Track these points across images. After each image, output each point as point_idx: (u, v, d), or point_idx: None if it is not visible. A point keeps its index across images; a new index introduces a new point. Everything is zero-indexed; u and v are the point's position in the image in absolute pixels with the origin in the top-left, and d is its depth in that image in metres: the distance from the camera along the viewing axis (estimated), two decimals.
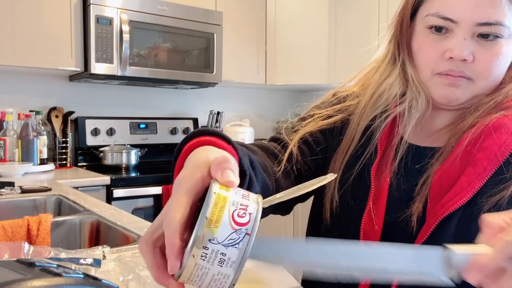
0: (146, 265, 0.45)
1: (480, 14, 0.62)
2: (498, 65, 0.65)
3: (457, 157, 0.65)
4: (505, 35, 0.64)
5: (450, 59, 0.65)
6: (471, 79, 0.66)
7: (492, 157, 0.63)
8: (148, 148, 2.79)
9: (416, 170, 0.69)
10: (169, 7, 2.55)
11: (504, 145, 0.63)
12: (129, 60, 2.42)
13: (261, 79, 3.11)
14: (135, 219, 1.25)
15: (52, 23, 2.30)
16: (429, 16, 0.67)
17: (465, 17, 0.63)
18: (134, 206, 2.20)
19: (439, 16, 0.65)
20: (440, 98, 0.69)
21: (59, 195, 1.58)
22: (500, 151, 0.63)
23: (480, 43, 0.64)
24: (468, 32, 0.64)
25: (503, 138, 0.63)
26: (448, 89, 0.67)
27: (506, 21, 0.63)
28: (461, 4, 0.63)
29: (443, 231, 0.62)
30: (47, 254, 0.73)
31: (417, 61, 0.71)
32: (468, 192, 0.62)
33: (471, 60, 0.65)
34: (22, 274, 0.44)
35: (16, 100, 2.51)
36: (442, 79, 0.67)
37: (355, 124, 0.76)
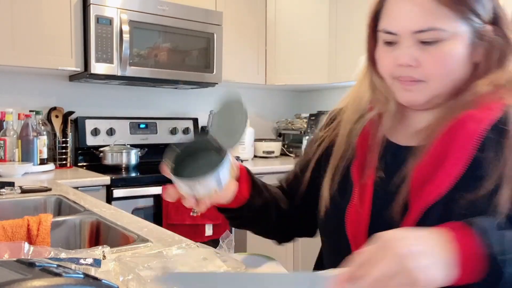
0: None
1: (413, 24, 0.69)
2: (446, 65, 0.70)
3: (433, 152, 0.69)
4: (445, 37, 0.69)
5: (400, 66, 0.73)
6: (423, 81, 0.72)
7: (463, 148, 0.67)
8: (148, 148, 2.79)
9: (398, 168, 0.74)
10: (169, 7, 2.55)
11: (473, 134, 0.67)
12: (129, 60, 2.42)
13: (261, 79, 3.11)
14: (135, 219, 1.25)
15: (52, 23, 2.30)
16: (380, 32, 0.76)
17: (402, 29, 0.71)
18: (134, 206, 2.20)
19: (385, 31, 0.74)
20: (402, 101, 0.77)
21: (59, 195, 1.58)
22: (470, 140, 0.67)
23: (423, 48, 0.70)
24: (409, 41, 0.71)
25: (471, 127, 0.68)
26: (405, 92, 0.75)
27: (439, 25, 0.68)
28: (398, 18, 0.71)
29: (426, 223, 0.65)
30: (47, 254, 0.73)
31: (379, 70, 0.79)
32: (444, 183, 0.66)
33: (416, 65, 0.71)
34: (22, 274, 0.44)
35: (16, 100, 2.51)
36: (399, 83, 0.75)
37: (341, 132, 0.85)
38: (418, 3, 0.69)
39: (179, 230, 1.23)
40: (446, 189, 0.66)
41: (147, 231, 1.10)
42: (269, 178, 2.77)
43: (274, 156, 3.23)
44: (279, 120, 3.52)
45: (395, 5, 0.72)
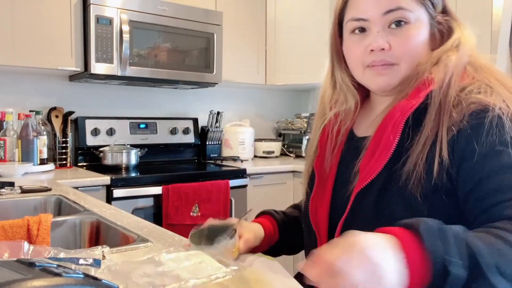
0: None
1: (382, 6, 0.76)
2: (412, 47, 0.77)
3: (372, 143, 0.78)
4: (411, 20, 0.76)
5: (372, 51, 0.78)
6: (395, 63, 0.78)
7: (388, 135, 0.74)
8: (148, 148, 2.79)
9: (355, 158, 0.81)
10: (169, 7, 2.55)
11: (396, 122, 0.74)
12: (129, 60, 2.42)
13: (261, 79, 3.11)
14: (135, 219, 1.25)
15: (52, 23, 2.30)
16: (348, 22, 0.82)
17: (372, 13, 0.77)
18: (134, 206, 2.20)
19: (354, 19, 0.80)
20: (375, 87, 0.82)
21: (59, 195, 1.58)
22: (394, 128, 0.74)
23: (392, 32, 0.77)
24: (379, 25, 0.77)
25: (396, 117, 0.74)
26: (378, 77, 0.79)
27: (405, 5, 0.76)
28: (367, 4, 0.78)
29: (363, 203, 0.75)
30: (46, 253, 0.73)
31: (349, 61, 0.85)
32: (373, 170, 0.74)
33: (388, 48, 0.77)
34: (22, 274, 0.44)
35: (16, 100, 2.51)
36: (372, 70, 0.80)
37: (312, 134, 0.94)
38: None
39: (179, 230, 1.23)
40: (375, 174, 0.74)
41: (147, 231, 1.10)
42: (269, 178, 2.79)
43: (274, 156, 3.23)
44: (279, 120, 3.52)
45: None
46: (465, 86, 0.73)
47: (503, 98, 0.70)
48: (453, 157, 0.69)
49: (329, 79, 0.91)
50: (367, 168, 0.76)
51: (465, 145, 0.68)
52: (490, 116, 0.67)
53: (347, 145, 0.87)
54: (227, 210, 2.42)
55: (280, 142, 3.34)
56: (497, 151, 0.66)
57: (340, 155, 0.87)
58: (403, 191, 0.71)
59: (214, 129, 3.08)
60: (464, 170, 0.68)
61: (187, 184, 2.32)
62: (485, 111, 0.68)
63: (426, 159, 0.70)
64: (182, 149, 3.03)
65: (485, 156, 0.66)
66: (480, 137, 0.67)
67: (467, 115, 0.69)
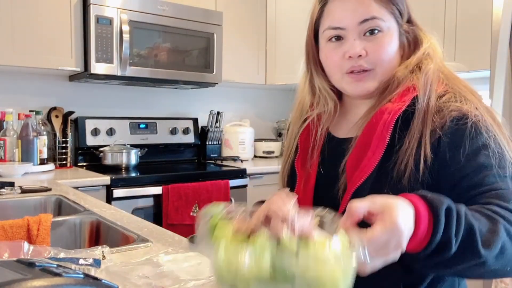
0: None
1: (358, 15, 0.82)
2: (387, 52, 0.83)
3: (359, 143, 0.82)
4: (384, 28, 0.82)
5: (350, 58, 0.83)
6: (371, 69, 0.83)
7: (379, 135, 0.79)
8: (148, 148, 2.79)
9: (339, 158, 0.86)
10: (169, 7, 2.55)
11: (386, 123, 0.79)
12: (129, 60, 2.42)
13: (261, 79, 3.11)
14: (135, 219, 1.25)
15: (52, 23, 2.30)
16: (325, 30, 0.86)
17: (348, 22, 0.83)
18: (134, 206, 2.20)
19: (331, 28, 0.85)
20: (354, 93, 0.87)
21: (59, 195, 1.58)
22: (385, 128, 0.79)
23: (368, 39, 0.83)
24: (355, 33, 0.83)
25: (385, 117, 0.80)
26: (357, 84, 0.85)
27: (378, 15, 0.82)
28: (343, 13, 0.83)
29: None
30: (46, 253, 0.73)
31: (327, 68, 0.89)
32: (366, 169, 0.79)
33: (365, 54, 0.82)
34: (22, 274, 0.44)
35: (16, 100, 2.51)
36: (350, 77, 0.85)
37: (289, 134, 0.98)
38: (361, 1, 0.82)
39: (179, 230, 1.24)
40: (369, 171, 0.78)
41: (147, 231, 1.10)
42: (269, 178, 2.79)
43: (274, 156, 3.23)
44: (279, 120, 3.52)
45: (338, 5, 0.84)
46: (443, 94, 0.81)
47: (475, 105, 0.79)
48: (436, 158, 0.77)
49: (307, 85, 0.96)
50: (361, 167, 0.80)
51: (447, 148, 0.77)
52: (469, 123, 0.77)
53: (327, 145, 0.92)
54: None
55: (280, 142, 3.34)
56: (477, 153, 0.75)
57: (319, 156, 0.91)
58: (395, 188, 0.76)
59: (214, 129, 3.08)
60: (448, 168, 0.76)
61: (187, 184, 2.32)
62: (465, 118, 0.77)
63: (414, 159, 0.77)
64: (182, 149, 3.03)
65: (467, 157, 0.75)
66: (461, 141, 0.76)
67: (449, 121, 0.78)
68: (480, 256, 0.63)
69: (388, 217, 0.58)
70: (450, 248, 0.62)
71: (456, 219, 0.63)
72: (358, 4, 0.82)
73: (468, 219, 0.64)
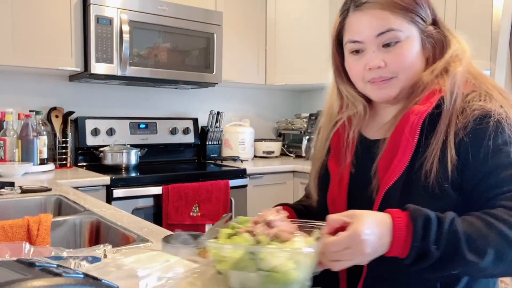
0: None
1: (374, 29, 0.85)
2: (406, 60, 0.86)
3: (389, 145, 0.86)
4: (402, 38, 0.85)
5: (370, 69, 0.87)
6: (393, 77, 0.87)
7: (408, 137, 0.82)
8: (148, 148, 2.79)
9: (370, 159, 0.89)
10: (169, 7, 2.55)
11: (414, 124, 0.83)
12: (129, 60, 2.42)
13: (261, 79, 3.11)
14: (135, 219, 1.25)
15: (52, 23, 2.30)
16: (347, 43, 0.91)
17: (365, 36, 0.86)
18: (134, 206, 2.20)
19: (351, 41, 0.89)
20: (377, 99, 0.92)
21: (59, 195, 1.58)
22: (412, 130, 0.82)
23: (386, 51, 0.86)
24: (373, 46, 0.86)
25: (412, 119, 0.83)
26: (379, 91, 0.89)
27: (395, 26, 0.84)
28: (361, 28, 0.87)
29: (388, 204, 0.80)
30: (48, 254, 0.73)
31: (351, 77, 0.94)
32: (398, 169, 0.82)
33: (384, 65, 0.86)
34: (22, 274, 0.44)
35: (16, 100, 2.51)
36: (372, 85, 0.89)
37: (320, 138, 1.02)
38: (375, 14, 0.85)
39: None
40: (400, 172, 0.82)
41: (147, 231, 1.10)
42: (269, 178, 2.78)
43: (274, 156, 3.23)
44: (279, 120, 3.52)
45: (356, 19, 0.88)
46: (468, 94, 0.84)
47: (500, 104, 0.81)
48: (459, 158, 0.79)
49: (335, 92, 1.00)
50: (392, 167, 0.83)
51: (470, 147, 0.79)
52: (491, 121, 0.78)
53: (358, 147, 0.95)
54: (227, 210, 2.42)
55: (280, 142, 3.34)
56: (497, 151, 0.77)
57: (352, 156, 0.94)
58: (424, 188, 0.80)
59: (214, 129, 3.08)
60: (469, 168, 0.79)
61: (187, 184, 2.32)
62: (487, 117, 0.79)
63: (440, 159, 0.80)
64: (182, 149, 3.03)
65: (487, 156, 0.77)
66: (483, 139, 0.78)
67: (472, 120, 0.80)
68: (467, 261, 0.67)
69: (353, 226, 0.67)
70: (431, 256, 0.68)
71: (437, 228, 0.68)
72: (373, 17, 0.85)
73: (454, 227, 0.69)
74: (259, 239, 0.68)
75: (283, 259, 0.64)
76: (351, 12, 0.89)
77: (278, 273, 0.64)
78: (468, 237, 0.68)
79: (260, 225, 0.70)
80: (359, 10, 0.87)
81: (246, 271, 0.66)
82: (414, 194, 0.80)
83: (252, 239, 0.68)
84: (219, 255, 0.68)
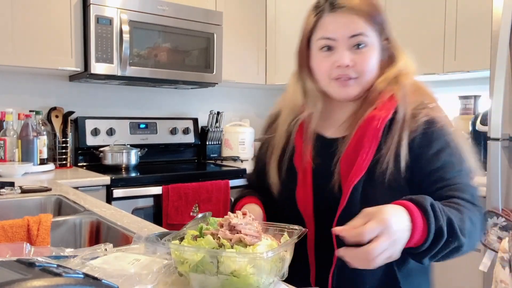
0: None
1: (349, 30, 0.95)
2: (370, 64, 0.97)
3: (352, 144, 0.95)
4: (368, 43, 0.96)
5: (338, 67, 0.96)
6: (357, 77, 0.97)
7: (371, 139, 0.93)
8: (148, 148, 2.79)
9: (329, 156, 0.98)
10: (169, 7, 2.55)
11: (376, 128, 0.94)
12: (129, 60, 2.42)
13: (261, 79, 3.11)
14: (135, 219, 1.25)
15: (52, 23, 2.30)
16: (318, 40, 0.98)
17: (340, 34, 0.95)
18: (134, 206, 2.20)
19: (323, 38, 0.97)
20: (339, 97, 1.00)
21: (59, 195, 1.58)
22: (375, 133, 0.93)
23: (355, 52, 0.96)
24: (345, 45, 0.95)
25: (375, 124, 0.94)
26: (342, 89, 0.98)
27: (366, 32, 0.95)
28: (336, 26, 0.96)
29: (355, 197, 0.92)
30: (48, 254, 0.73)
31: (317, 74, 1.01)
32: (363, 167, 0.92)
33: (352, 65, 0.95)
34: (22, 274, 0.44)
35: (16, 100, 2.51)
36: (337, 83, 0.98)
37: (279, 131, 1.07)
38: (351, 18, 0.95)
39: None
40: (365, 170, 0.92)
41: (147, 231, 1.10)
42: None
43: None
44: None
45: (332, 20, 0.96)
46: (416, 103, 0.97)
47: (440, 111, 0.97)
48: (410, 155, 0.93)
49: (299, 87, 1.06)
50: (357, 165, 0.93)
51: (420, 147, 0.93)
52: (437, 126, 0.93)
53: (317, 143, 1.03)
54: (227, 210, 2.41)
55: None
56: (442, 151, 0.92)
57: (311, 153, 1.02)
58: (383, 182, 0.92)
59: (214, 129, 3.08)
60: (420, 164, 0.93)
61: (187, 184, 2.32)
62: (434, 123, 0.94)
63: (395, 157, 0.92)
64: (182, 149, 3.03)
65: (433, 155, 0.92)
66: (429, 141, 0.93)
67: (421, 125, 0.94)
68: (460, 240, 0.79)
69: (377, 216, 0.71)
70: (443, 234, 0.76)
71: (440, 211, 0.77)
72: (349, 20, 0.95)
73: (446, 212, 0.79)
74: (222, 242, 0.69)
75: (243, 264, 0.65)
76: (326, 13, 0.97)
77: (238, 277, 0.65)
78: (456, 220, 0.79)
79: (224, 229, 0.72)
80: (336, 12, 0.96)
81: (206, 274, 0.67)
82: (375, 188, 0.92)
83: (215, 242, 0.70)
84: (181, 257, 0.69)
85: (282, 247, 0.70)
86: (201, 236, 0.73)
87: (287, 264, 0.73)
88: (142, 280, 0.67)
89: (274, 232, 0.80)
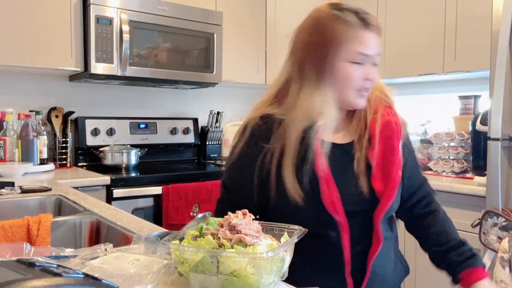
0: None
1: (377, 49, 1.04)
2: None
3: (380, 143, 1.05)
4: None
5: (367, 80, 1.04)
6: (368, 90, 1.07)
7: (396, 139, 1.05)
8: (148, 148, 2.79)
9: (348, 159, 1.06)
10: (169, 7, 2.55)
11: (398, 131, 1.07)
12: (129, 60, 2.42)
13: (261, 79, 3.11)
14: (135, 219, 1.25)
15: (52, 23, 2.30)
16: (354, 53, 1.02)
17: (374, 52, 1.04)
18: (134, 206, 2.20)
19: (360, 53, 1.02)
20: (356, 106, 1.08)
21: (59, 195, 1.58)
22: (397, 134, 1.06)
23: (375, 69, 1.05)
24: (372, 61, 1.04)
25: (394, 128, 1.06)
26: (360, 99, 1.06)
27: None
28: (372, 44, 1.03)
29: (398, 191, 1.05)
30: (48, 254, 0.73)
31: (342, 82, 1.03)
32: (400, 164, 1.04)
33: (376, 80, 1.06)
34: (22, 274, 0.44)
35: (16, 100, 2.51)
36: (357, 93, 1.05)
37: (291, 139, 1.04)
38: (378, 38, 1.05)
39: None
40: (401, 165, 1.04)
41: (147, 231, 1.10)
42: None
43: None
44: None
45: (368, 36, 1.02)
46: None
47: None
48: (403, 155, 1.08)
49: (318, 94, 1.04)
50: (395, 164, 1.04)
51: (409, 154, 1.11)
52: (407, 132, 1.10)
53: (332, 149, 1.05)
54: None
55: None
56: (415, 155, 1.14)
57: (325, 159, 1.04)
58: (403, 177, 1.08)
59: (214, 129, 3.08)
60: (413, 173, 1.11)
61: (187, 184, 2.32)
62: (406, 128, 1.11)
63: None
64: (182, 149, 3.03)
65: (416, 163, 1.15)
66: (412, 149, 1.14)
67: (406, 131, 1.10)
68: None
69: None
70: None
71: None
72: (377, 40, 1.05)
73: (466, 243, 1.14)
74: (222, 242, 0.70)
75: (243, 264, 0.65)
76: (362, 29, 1.02)
77: (238, 278, 0.66)
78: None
79: (224, 229, 0.72)
80: (369, 29, 1.02)
81: (206, 274, 0.67)
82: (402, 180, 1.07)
83: (215, 242, 0.70)
84: (181, 257, 0.70)
85: (282, 247, 0.70)
86: (201, 236, 0.73)
87: (287, 264, 0.73)
88: (142, 280, 0.68)
89: (274, 232, 0.80)
